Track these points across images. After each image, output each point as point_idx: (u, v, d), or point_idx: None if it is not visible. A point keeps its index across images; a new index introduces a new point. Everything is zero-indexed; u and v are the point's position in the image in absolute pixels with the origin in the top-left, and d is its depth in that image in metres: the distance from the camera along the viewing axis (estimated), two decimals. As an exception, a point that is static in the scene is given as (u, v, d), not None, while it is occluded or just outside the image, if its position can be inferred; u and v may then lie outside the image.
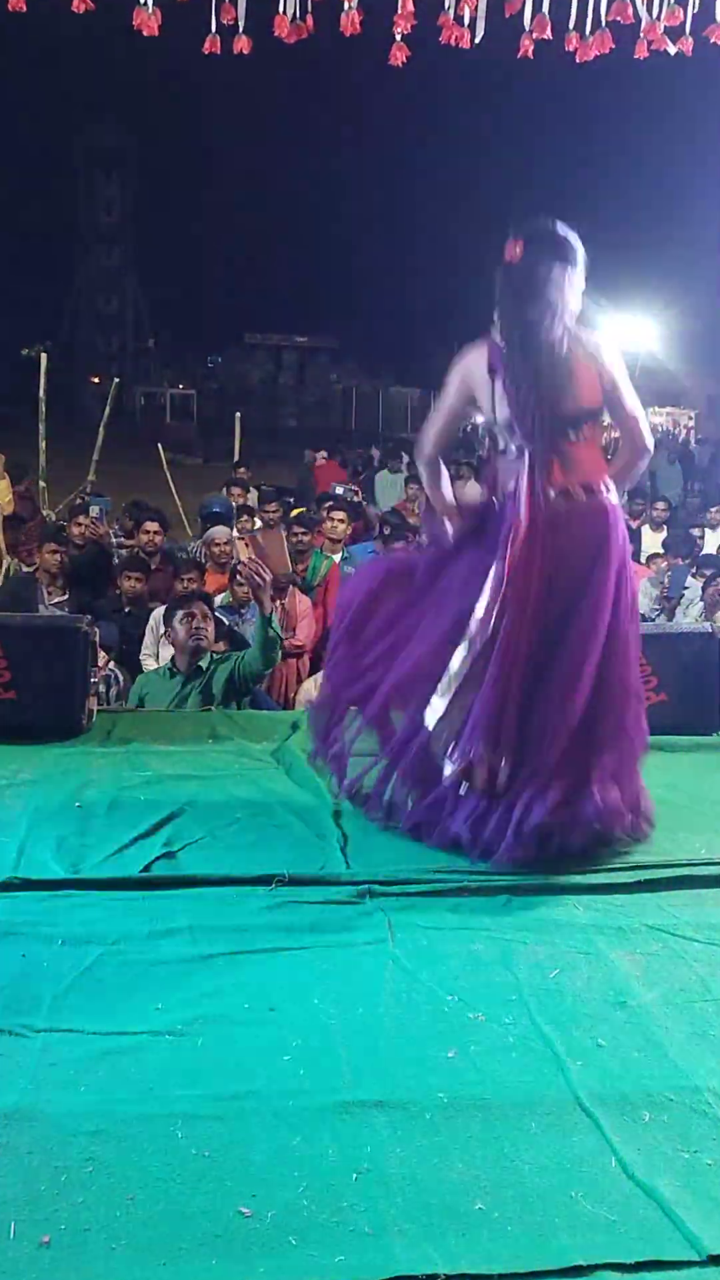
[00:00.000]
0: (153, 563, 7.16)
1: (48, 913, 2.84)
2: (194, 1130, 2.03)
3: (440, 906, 2.98)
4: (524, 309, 3.26)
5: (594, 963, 2.72)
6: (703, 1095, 2.20)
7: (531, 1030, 2.41)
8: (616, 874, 3.21)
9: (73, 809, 3.58)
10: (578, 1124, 2.11)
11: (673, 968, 2.72)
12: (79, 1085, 2.15)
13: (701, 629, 4.97)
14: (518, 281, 3.29)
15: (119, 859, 3.22)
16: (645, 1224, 1.85)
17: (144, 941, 2.71)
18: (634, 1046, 2.38)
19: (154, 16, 4.67)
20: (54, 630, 4.51)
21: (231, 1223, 1.81)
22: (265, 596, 4.64)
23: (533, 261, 3.28)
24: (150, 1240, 1.77)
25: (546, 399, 3.23)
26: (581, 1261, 1.76)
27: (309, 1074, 2.22)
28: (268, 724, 4.60)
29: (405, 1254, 1.76)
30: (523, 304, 3.27)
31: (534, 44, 5.08)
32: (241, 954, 2.67)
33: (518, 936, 2.83)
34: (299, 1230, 1.80)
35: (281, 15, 4.89)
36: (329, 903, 2.96)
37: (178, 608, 5.02)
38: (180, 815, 3.55)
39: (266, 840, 3.41)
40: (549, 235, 3.32)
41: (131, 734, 4.38)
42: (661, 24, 5.06)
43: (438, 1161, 1.98)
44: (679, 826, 3.63)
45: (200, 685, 4.86)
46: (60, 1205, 1.83)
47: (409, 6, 4.91)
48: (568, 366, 3.26)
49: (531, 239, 3.31)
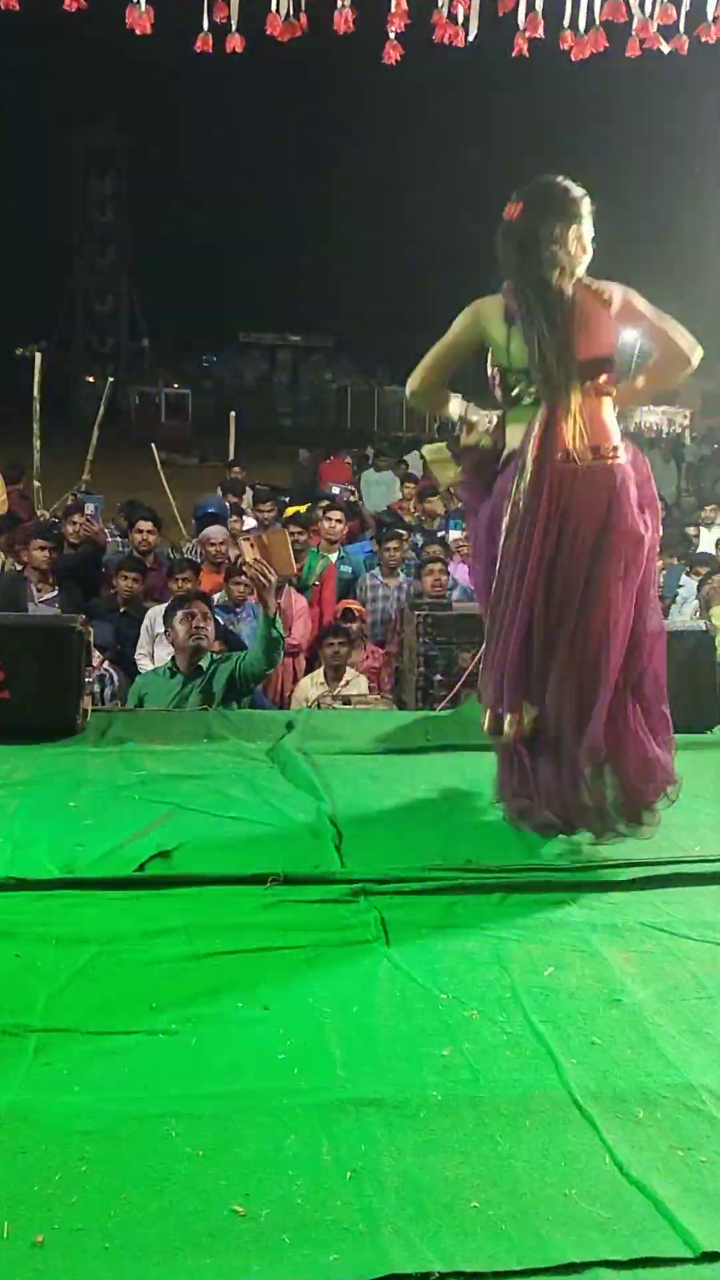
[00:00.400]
0: (147, 562, 7.16)
1: (42, 912, 2.83)
2: (188, 1129, 2.02)
3: (434, 905, 2.97)
4: (528, 266, 3.26)
5: (588, 960, 2.72)
6: (697, 1093, 2.20)
7: (526, 1028, 2.41)
8: (611, 871, 3.21)
9: (67, 809, 3.58)
10: (572, 1122, 2.11)
11: (667, 965, 2.72)
12: (73, 1085, 2.15)
13: (696, 627, 4.98)
14: (519, 238, 3.28)
15: (113, 858, 3.22)
16: (640, 1221, 1.85)
17: (138, 941, 2.71)
18: (628, 1044, 2.38)
19: (147, 15, 4.66)
20: (49, 630, 4.51)
21: (225, 1222, 1.81)
22: (270, 598, 4.64)
23: (533, 220, 3.26)
24: (144, 1239, 1.76)
25: (560, 349, 3.23)
26: (576, 1259, 1.76)
27: (303, 1073, 2.22)
28: (263, 723, 4.59)
29: (399, 1252, 1.75)
30: (526, 262, 3.26)
31: (528, 43, 5.09)
32: (236, 953, 2.67)
33: (512, 934, 2.83)
34: (293, 1229, 1.80)
35: (274, 14, 4.89)
36: (324, 901, 2.95)
37: (178, 607, 5.03)
38: (175, 815, 3.54)
39: (261, 839, 3.41)
40: (549, 192, 3.30)
41: (126, 733, 4.37)
42: (655, 22, 5.07)
43: (432, 1160, 1.98)
44: (673, 823, 3.63)
45: (201, 685, 4.86)
46: (54, 1205, 1.83)
47: (403, 5, 4.91)
48: (580, 315, 3.26)
49: (531, 198, 3.30)
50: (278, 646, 4.77)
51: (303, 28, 4.92)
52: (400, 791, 3.84)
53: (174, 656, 5.02)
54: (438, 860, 3.24)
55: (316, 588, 7.24)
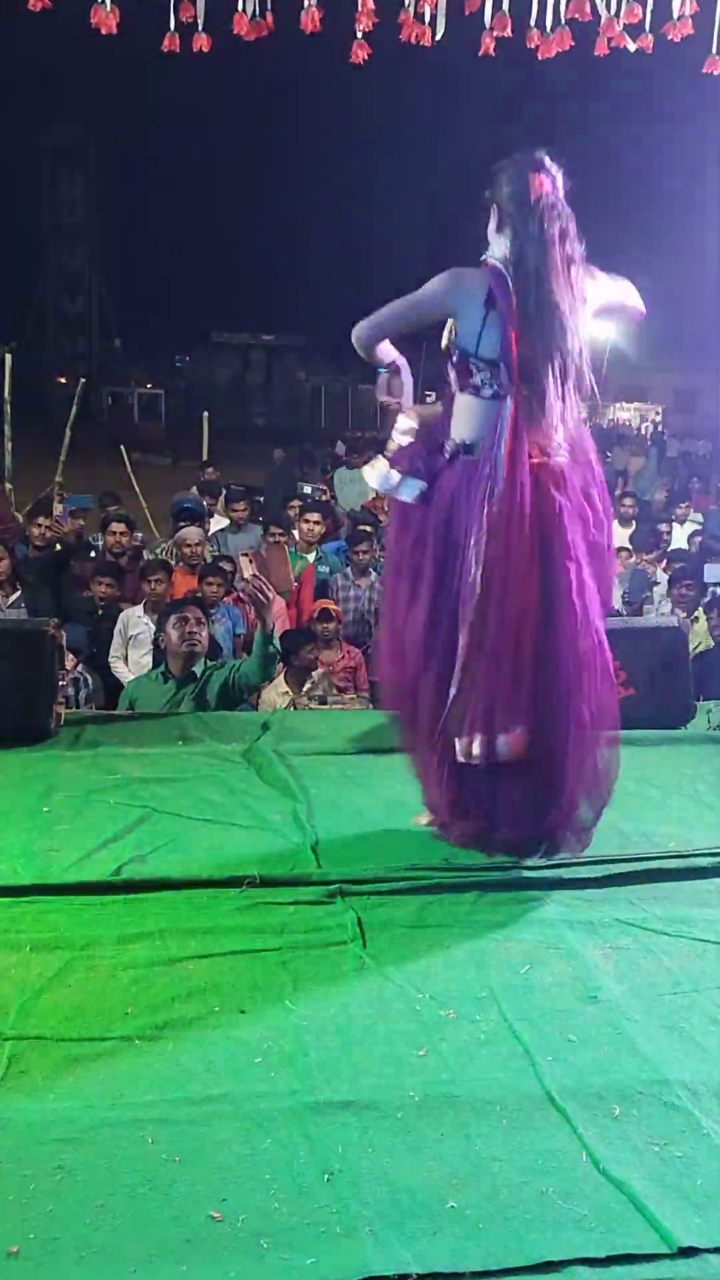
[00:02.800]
0: (121, 563, 7.12)
1: (15, 919, 2.81)
2: (164, 1135, 2.02)
3: (411, 905, 2.97)
4: (549, 251, 3.04)
5: (564, 958, 2.73)
6: (673, 1088, 2.21)
7: (502, 1027, 2.42)
8: (586, 868, 3.21)
9: (41, 813, 3.56)
10: (549, 1120, 2.11)
11: (643, 962, 2.73)
12: (48, 1092, 2.14)
13: (669, 623, 5.00)
14: (548, 218, 3.04)
15: (88, 863, 3.20)
16: (616, 1218, 1.86)
17: (113, 946, 2.69)
18: (604, 1041, 2.39)
19: (112, 15, 4.63)
20: (20, 634, 4.47)
21: (202, 1227, 1.80)
22: (268, 614, 4.63)
23: (563, 203, 3.08)
24: (120, 1247, 1.76)
25: (555, 350, 3.07)
26: (554, 1257, 1.77)
27: (280, 1076, 2.22)
28: (238, 725, 4.58)
29: (377, 1255, 1.75)
30: (548, 246, 3.04)
31: (495, 41, 5.09)
32: (212, 957, 2.66)
33: (488, 933, 2.83)
34: (271, 1233, 1.79)
35: (241, 13, 4.88)
36: (300, 903, 2.95)
37: (171, 612, 5.01)
38: (150, 818, 3.53)
39: (237, 842, 3.40)
40: (563, 184, 3.12)
41: (100, 737, 4.35)
42: (620, 21, 5.08)
43: (409, 1161, 1.98)
44: (648, 819, 3.65)
45: (194, 691, 4.85)
46: (29, 1214, 1.82)
47: (369, 4, 4.91)
48: (574, 315, 3.10)
49: (559, 178, 3.09)
50: (275, 661, 4.78)
51: (269, 27, 4.91)
52: (376, 792, 3.83)
53: (166, 661, 5.01)
54: (414, 860, 3.23)
55: (295, 589, 7.22)
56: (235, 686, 4.83)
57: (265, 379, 49.14)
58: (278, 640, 4.77)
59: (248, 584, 4.56)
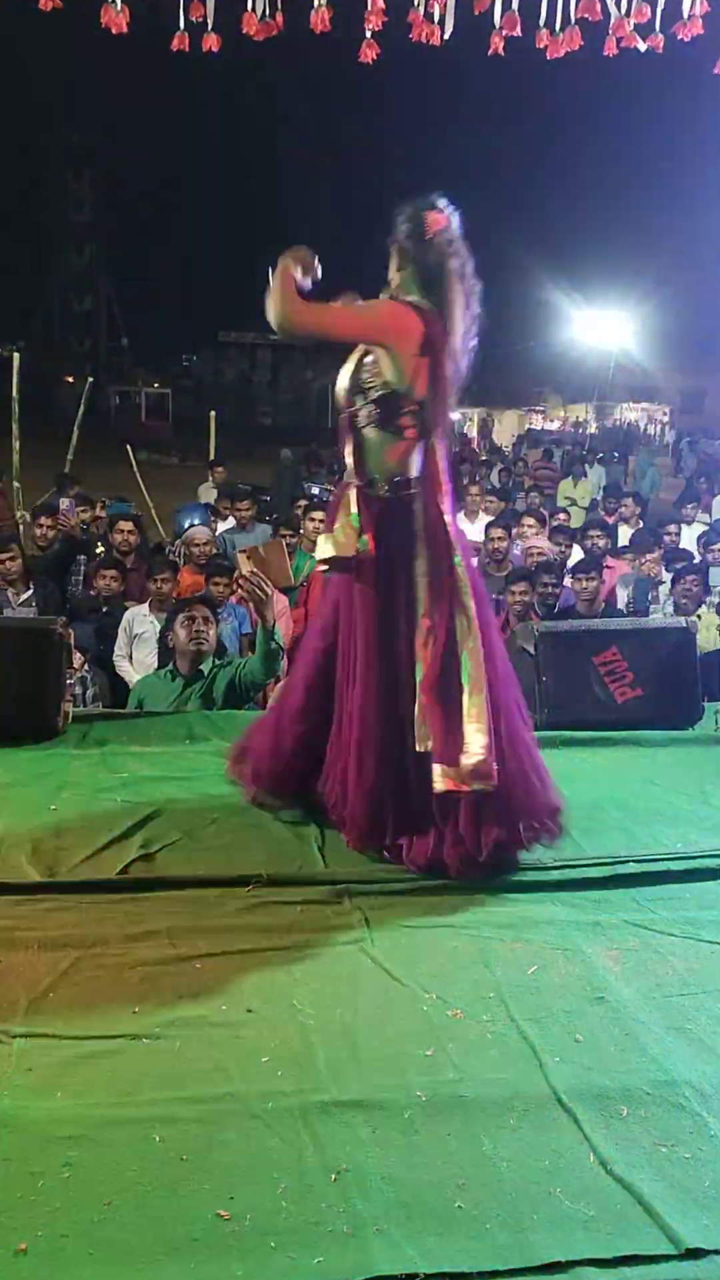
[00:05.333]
0: (128, 562, 7.13)
1: (23, 916, 2.81)
2: (172, 1134, 2.02)
3: (418, 905, 2.97)
4: (466, 286, 3.14)
5: (571, 959, 2.73)
6: (680, 1089, 2.21)
7: (509, 1027, 2.41)
8: (593, 869, 3.21)
9: (48, 811, 3.56)
10: (556, 1120, 2.11)
11: (650, 962, 2.73)
12: (55, 1091, 2.14)
13: (677, 623, 4.98)
14: (445, 252, 3.12)
15: (95, 861, 3.20)
16: (624, 1219, 1.86)
17: (121, 944, 2.69)
18: (612, 1042, 2.38)
19: (122, 14, 4.64)
20: (28, 632, 4.48)
21: (210, 1226, 1.80)
22: (268, 611, 4.62)
23: (460, 240, 3.14)
24: (128, 1245, 1.76)
25: (455, 387, 3.18)
26: (561, 1258, 1.76)
27: (287, 1075, 2.22)
28: (245, 724, 4.56)
29: (384, 1254, 1.75)
30: (465, 281, 3.13)
31: (504, 41, 5.09)
32: (219, 955, 2.66)
33: (495, 934, 2.83)
34: (277, 1232, 1.79)
35: (250, 13, 4.88)
36: (307, 903, 2.95)
37: (179, 611, 5.01)
38: (157, 817, 3.53)
39: (244, 841, 3.40)
40: (457, 225, 3.19)
41: (107, 736, 4.35)
42: (630, 21, 5.07)
43: (416, 1161, 1.98)
44: (655, 821, 3.64)
45: (201, 689, 4.85)
46: (37, 1212, 1.82)
47: (379, 4, 4.91)
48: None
49: (454, 219, 3.16)
50: (277, 658, 4.76)
51: (279, 27, 4.91)
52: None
53: (174, 659, 5.01)
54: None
55: (303, 589, 7.22)
56: (241, 685, 4.83)
57: (272, 378, 49.19)
58: (280, 636, 4.75)
59: (246, 581, 4.55)
